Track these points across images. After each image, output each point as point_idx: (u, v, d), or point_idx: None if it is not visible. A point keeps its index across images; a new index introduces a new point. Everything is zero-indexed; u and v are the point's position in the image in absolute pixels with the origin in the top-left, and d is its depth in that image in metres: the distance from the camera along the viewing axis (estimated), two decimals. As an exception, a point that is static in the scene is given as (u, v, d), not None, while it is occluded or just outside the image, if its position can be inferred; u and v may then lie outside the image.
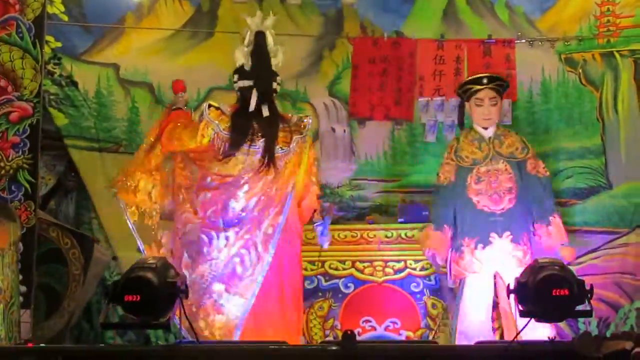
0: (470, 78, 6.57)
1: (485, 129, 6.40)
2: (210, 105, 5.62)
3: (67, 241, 7.07)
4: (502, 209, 6.23)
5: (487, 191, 6.26)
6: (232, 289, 5.46)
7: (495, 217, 6.23)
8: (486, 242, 6.19)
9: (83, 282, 7.05)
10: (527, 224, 6.30)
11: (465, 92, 6.46)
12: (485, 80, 6.36)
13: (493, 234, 6.19)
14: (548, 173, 6.41)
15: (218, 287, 5.46)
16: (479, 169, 6.32)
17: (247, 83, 5.62)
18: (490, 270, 6.19)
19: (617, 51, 7.42)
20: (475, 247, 6.19)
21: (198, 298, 5.43)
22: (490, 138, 6.38)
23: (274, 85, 5.68)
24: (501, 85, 6.43)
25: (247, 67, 5.64)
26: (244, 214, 5.54)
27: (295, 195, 5.72)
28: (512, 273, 5.06)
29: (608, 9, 7.38)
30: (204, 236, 5.53)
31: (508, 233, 6.18)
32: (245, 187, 5.56)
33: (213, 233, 5.52)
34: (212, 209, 5.55)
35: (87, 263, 7.08)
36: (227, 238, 5.51)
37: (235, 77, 5.70)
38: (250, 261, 5.49)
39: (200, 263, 5.51)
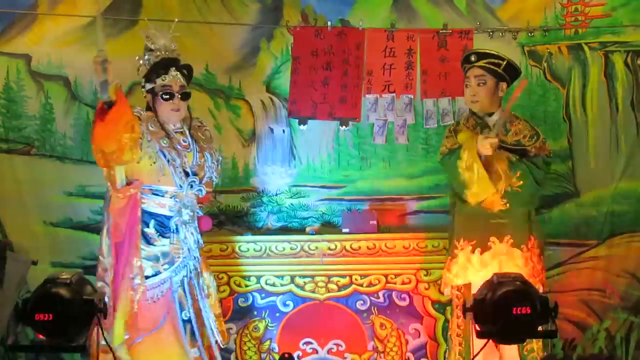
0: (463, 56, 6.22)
1: (490, 115, 6.01)
2: None
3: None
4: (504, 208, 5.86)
5: None
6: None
7: (496, 218, 5.88)
8: (485, 247, 5.86)
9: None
10: (529, 224, 5.98)
11: (465, 73, 6.11)
12: (472, 58, 6.02)
13: (493, 238, 5.86)
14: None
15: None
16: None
17: None
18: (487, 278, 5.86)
19: (586, 43, 7.39)
20: (473, 251, 5.88)
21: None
22: (494, 125, 5.93)
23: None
24: (494, 63, 6.01)
25: None
26: None
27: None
28: None
29: (576, -4, 7.31)
30: None
31: (509, 237, 5.85)
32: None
33: None
34: None
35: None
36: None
37: None
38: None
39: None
